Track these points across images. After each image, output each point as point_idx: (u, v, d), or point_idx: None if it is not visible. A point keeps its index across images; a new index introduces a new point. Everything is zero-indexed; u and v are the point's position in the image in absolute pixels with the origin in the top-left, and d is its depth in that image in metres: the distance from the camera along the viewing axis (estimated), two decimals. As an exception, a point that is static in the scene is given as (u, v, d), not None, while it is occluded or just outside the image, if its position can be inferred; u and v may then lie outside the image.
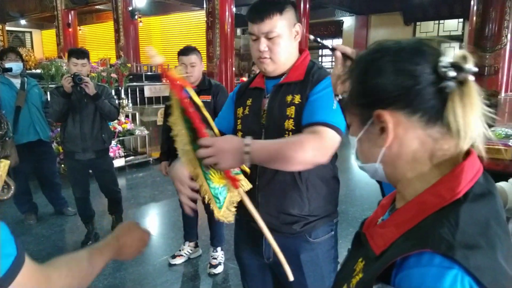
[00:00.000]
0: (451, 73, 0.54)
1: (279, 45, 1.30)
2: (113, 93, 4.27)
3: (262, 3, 1.30)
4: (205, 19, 7.03)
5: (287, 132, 1.32)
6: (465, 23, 10.36)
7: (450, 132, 0.56)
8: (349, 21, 12.93)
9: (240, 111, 1.47)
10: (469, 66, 0.54)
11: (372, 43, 0.65)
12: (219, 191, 1.14)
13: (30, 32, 17.14)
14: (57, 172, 4.26)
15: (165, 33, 14.02)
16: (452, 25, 11.44)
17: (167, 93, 1.17)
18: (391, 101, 0.57)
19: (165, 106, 3.18)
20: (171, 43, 13.32)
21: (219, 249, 3.04)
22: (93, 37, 15.80)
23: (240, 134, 1.43)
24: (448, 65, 0.54)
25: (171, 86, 1.02)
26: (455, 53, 0.56)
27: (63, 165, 4.94)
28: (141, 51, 10.19)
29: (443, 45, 0.59)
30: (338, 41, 13.35)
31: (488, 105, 0.56)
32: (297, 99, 1.32)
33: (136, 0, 9.89)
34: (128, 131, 6.01)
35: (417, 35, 11.77)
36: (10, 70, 3.46)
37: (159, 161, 3.09)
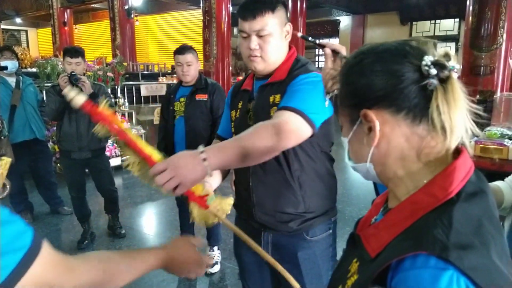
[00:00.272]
0: (433, 71, 0.55)
1: (270, 43, 1.29)
2: (109, 92, 4.25)
3: (254, 1, 1.28)
4: (202, 18, 7.02)
5: None
6: (461, 23, 10.42)
7: (435, 129, 0.57)
8: (345, 21, 12.95)
9: (233, 114, 1.47)
10: (451, 63, 0.56)
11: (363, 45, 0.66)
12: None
13: (25, 30, 17.06)
14: (53, 171, 4.23)
15: (162, 32, 13.99)
16: (448, 25, 11.49)
17: (164, 92, 1.16)
18: (376, 100, 0.59)
19: (161, 105, 3.17)
20: (167, 42, 13.31)
21: (215, 248, 3.04)
22: (89, 36, 15.74)
23: None
24: (430, 64, 0.55)
25: (102, 123, 0.98)
26: (438, 51, 0.58)
27: (59, 164, 4.92)
28: (137, 50, 10.17)
29: (439, 45, 0.60)
30: (334, 41, 13.37)
31: (475, 102, 0.57)
32: (278, 99, 1.30)
33: (132, -2, 9.87)
34: (124, 130, 5.98)
35: (414, 34, 11.80)
36: (5, 68, 3.43)
37: (156, 160, 3.08)
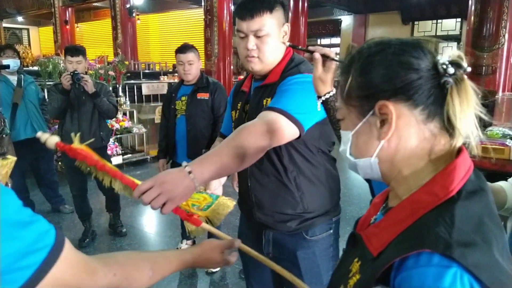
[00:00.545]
0: (451, 70, 0.56)
1: (268, 44, 1.27)
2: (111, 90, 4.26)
3: (252, 0, 1.27)
4: (203, 17, 7.01)
5: None
6: (463, 23, 10.38)
7: (444, 128, 0.58)
8: (347, 20, 12.92)
9: (233, 114, 1.48)
10: (465, 64, 0.57)
11: (368, 39, 0.66)
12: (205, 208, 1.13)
13: (27, 29, 17.06)
14: (54, 169, 4.24)
15: (163, 31, 13.99)
16: (450, 25, 11.46)
17: (165, 91, 1.17)
18: (394, 92, 0.58)
19: (163, 104, 3.18)
20: (169, 41, 13.30)
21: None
22: (91, 35, 15.74)
23: None
24: (447, 62, 0.56)
25: (78, 158, 1.00)
26: (452, 52, 0.58)
27: (60, 163, 4.93)
28: (139, 49, 10.16)
29: (441, 45, 0.61)
30: (336, 40, 13.35)
31: (482, 105, 0.58)
32: (269, 102, 1.28)
33: (134, -3, 9.86)
34: (125, 129, 5.99)
35: (415, 34, 11.77)
36: (7, 67, 3.43)
37: (157, 159, 3.08)
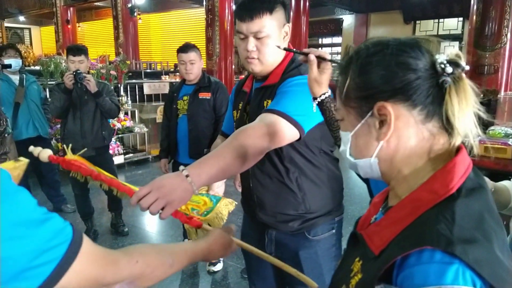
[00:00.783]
0: (449, 69, 0.56)
1: (268, 45, 1.26)
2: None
3: (252, 1, 1.26)
4: (205, 16, 7.02)
5: None
6: (465, 22, 10.35)
7: (443, 127, 0.58)
8: (348, 20, 12.91)
9: (235, 114, 1.48)
10: (464, 63, 0.57)
11: (366, 39, 0.66)
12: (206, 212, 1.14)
13: (29, 28, 17.08)
14: (56, 169, 4.24)
15: (165, 31, 13.99)
16: (451, 24, 11.43)
17: (166, 90, 1.17)
18: (393, 93, 0.58)
19: (164, 103, 3.18)
20: (170, 40, 13.29)
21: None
22: (92, 34, 15.75)
23: None
24: (445, 62, 0.56)
25: (73, 169, 1.01)
26: (450, 51, 0.58)
27: (62, 162, 4.93)
28: (140, 48, 10.16)
29: (443, 44, 0.60)
30: (337, 39, 13.34)
31: (481, 104, 0.58)
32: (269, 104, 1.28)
33: (135, -3, 9.87)
34: (127, 129, 6.00)
35: (417, 33, 11.74)
36: (9, 66, 3.43)
37: (159, 158, 3.09)
